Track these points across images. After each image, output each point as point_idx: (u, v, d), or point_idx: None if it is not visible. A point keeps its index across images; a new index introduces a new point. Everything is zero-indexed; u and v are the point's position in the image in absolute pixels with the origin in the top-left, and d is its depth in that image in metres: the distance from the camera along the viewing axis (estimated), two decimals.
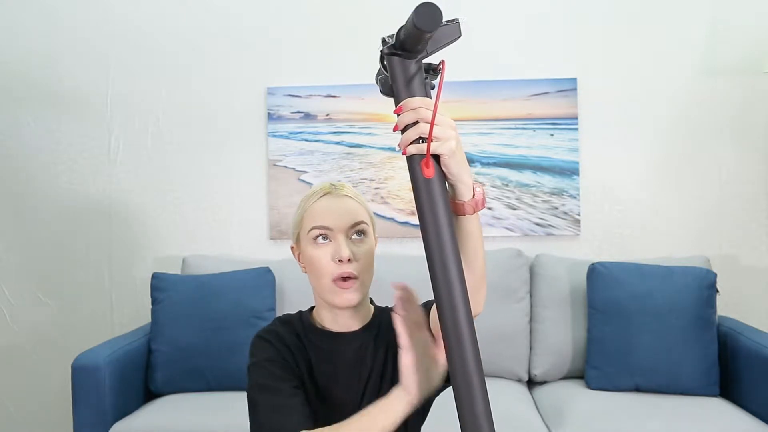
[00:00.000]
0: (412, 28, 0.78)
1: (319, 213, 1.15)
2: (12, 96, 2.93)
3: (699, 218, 2.75)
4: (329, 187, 1.19)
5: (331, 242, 1.14)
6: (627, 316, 2.34)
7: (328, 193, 1.17)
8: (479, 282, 1.00)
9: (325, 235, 1.14)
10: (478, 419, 0.85)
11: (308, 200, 1.18)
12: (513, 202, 2.77)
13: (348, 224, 1.14)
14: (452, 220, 0.88)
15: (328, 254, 1.13)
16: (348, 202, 1.17)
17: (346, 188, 1.20)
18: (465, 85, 2.78)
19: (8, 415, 2.94)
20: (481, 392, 0.86)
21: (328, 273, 1.12)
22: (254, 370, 1.12)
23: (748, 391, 2.22)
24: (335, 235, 1.14)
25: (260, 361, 1.12)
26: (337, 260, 1.12)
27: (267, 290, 2.52)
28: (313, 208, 1.16)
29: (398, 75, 0.86)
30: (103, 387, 2.16)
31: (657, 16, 2.77)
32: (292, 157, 2.86)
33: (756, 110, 2.73)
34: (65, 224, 2.91)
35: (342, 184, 1.20)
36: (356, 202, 1.18)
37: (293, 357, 1.15)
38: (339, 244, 1.13)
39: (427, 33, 0.78)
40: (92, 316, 2.91)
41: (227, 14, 2.88)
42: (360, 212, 1.17)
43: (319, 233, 1.14)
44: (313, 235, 1.14)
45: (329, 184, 1.20)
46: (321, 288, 1.15)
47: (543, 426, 2.13)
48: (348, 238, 1.14)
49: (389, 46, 0.86)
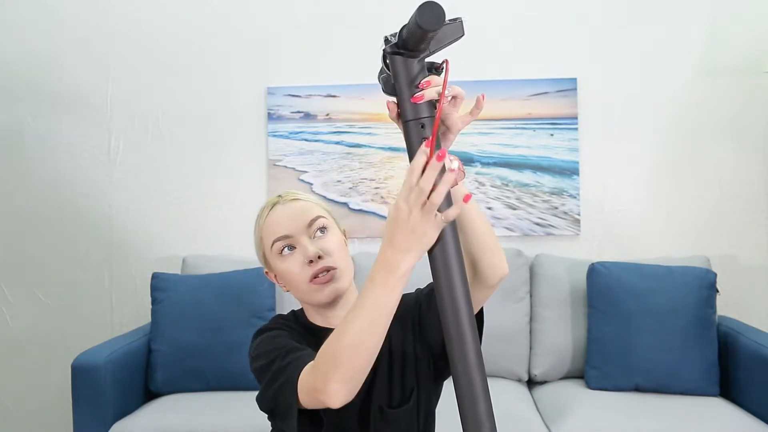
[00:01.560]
0: (415, 27, 0.77)
1: (274, 225, 1.14)
2: (12, 96, 2.93)
3: (699, 218, 2.75)
4: (276, 198, 1.18)
5: (297, 248, 1.12)
6: (627, 316, 2.34)
7: (275, 203, 1.16)
8: (495, 248, 1.04)
9: (289, 245, 1.12)
10: (480, 419, 0.85)
11: (260, 218, 1.17)
12: (513, 202, 2.77)
13: (304, 224, 1.13)
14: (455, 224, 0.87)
15: (297, 261, 1.11)
16: (297, 204, 1.16)
17: (294, 193, 1.18)
18: (465, 85, 2.75)
19: (8, 415, 2.94)
20: (483, 392, 0.86)
21: (303, 278, 1.11)
22: (260, 346, 1.08)
23: (748, 391, 2.22)
24: (297, 240, 1.12)
25: (264, 340, 1.09)
26: (308, 262, 1.10)
27: (267, 290, 2.52)
28: (266, 224, 1.15)
29: (401, 74, 0.86)
30: (103, 387, 2.16)
31: (657, 17, 2.77)
32: (292, 157, 2.86)
33: (756, 110, 2.73)
34: (65, 224, 2.91)
35: (289, 191, 1.19)
36: (307, 202, 1.17)
37: (304, 340, 1.13)
38: (304, 246, 1.11)
39: (430, 32, 0.78)
40: (92, 316, 2.91)
41: (227, 14, 2.88)
42: (313, 209, 1.16)
43: (282, 245, 1.13)
44: (277, 249, 1.13)
45: (276, 196, 1.19)
46: (303, 294, 1.14)
47: (543, 426, 2.13)
48: (311, 237, 1.13)
49: (392, 45, 0.86)
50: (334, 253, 1.12)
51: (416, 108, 0.85)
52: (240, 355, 2.32)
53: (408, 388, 1.15)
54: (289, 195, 1.17)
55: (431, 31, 0.77)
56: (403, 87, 0.86)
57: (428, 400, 1.18)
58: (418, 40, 0.81)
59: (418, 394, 1.16)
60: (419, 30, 0.77)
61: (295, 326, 1.16)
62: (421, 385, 1.16)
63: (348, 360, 0.87)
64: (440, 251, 0.86)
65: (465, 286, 0.86)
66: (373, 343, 0.87)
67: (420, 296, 1.19)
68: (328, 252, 1.12)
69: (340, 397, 0.89)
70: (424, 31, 0.77)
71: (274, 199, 1.18)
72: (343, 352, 0.87)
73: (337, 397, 0.88)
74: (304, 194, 1.19)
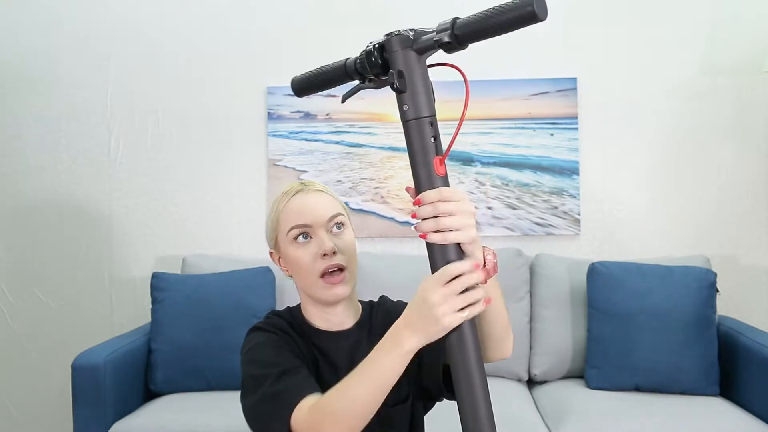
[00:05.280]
0: (529, 18, 0.78)
1: (295, 212, 1.13)
2: (12, 95, 2.93)
3: (699, 218, 2.75)
4: (299, 185, 1.17)
5: (312, 239, 1.12)
6: (627, 315, 2.34)
7: (299, 191, 1.16)
8: (504, 333, 1.04)
9: (305, 234, 1.12)
10: (480, 419, 0.85)
11: (280, 201, 1.16)
12: (513, 201, 2.77)
13: (326, 218, 1.13)
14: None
15: (311, 252, 1.11)
16: (321, 196, 1.15)
17: (317, 184, 1.18)
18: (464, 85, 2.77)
19: (8, 415, 2.94)
20: (483, 392, 0.86)
21: (314, 270, 1.11)
22: (254, 351, 1.09)
23: (748, 390, 2.22)
24: (315, 231, 1.12)
25: (260, 343, 1.10)
26: (322, 255, 1.10)
27: (267, 290, 2.52)
28: (287, 209, 1.14)
29: (416, 71, 0.87)
30: (103, 387, 2.16)
31: (657, 16, 2.77)
32: (292, 156, 2.86)
33: (756, 110, 2.73)
34: (65, 224, 2.91)
35: (311, 181, 1.19)
36: (329, 196, 1.17)
37: (299, 348, 1.13)
38: (321, 239, 1.11)
39: (540, 21, 0.79)
40: (92, 316, 2.91)
41: (227, 14, 2.88)
42: (335, 205, 1.16)
43: (299, 232, 1.12)
44: (293, 236, 1.12)
45: (299, 182, 1.18)
46: (309, 287, 1.13)
47: (543, 426, 2.13)
48: (328, 231, 1.13)
49: (443, 43, 0.85)
50: (348, 252, 1.12)
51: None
52: (240, 354, 2.32)
53: (403, 391, 1.15)
54: (312, 185, 1.17)
55: (543, 20, 0.79)
56: (419, 86, 0.86)
57: (419, 408, 1.19)
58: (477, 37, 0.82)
59: (413, 398, 1.16)
60: (533, 21, 0.78)
61: (289, 329, 1.15)
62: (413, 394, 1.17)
63: (343, 419, 0.92)
64: (440, 261, 0.86)
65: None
66: (369, 406, 0.92)
67: None
68: (343, 250, 1.12)
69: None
70: (533, 22, 0.78)
71: (297, 185, 1.17)
72: (340, 412, 0.92)
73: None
74: (323, 186, 1.19)
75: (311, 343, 1.15)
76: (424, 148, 0.87)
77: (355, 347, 1.15)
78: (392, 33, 0.88)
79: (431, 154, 0.87)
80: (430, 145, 0.87)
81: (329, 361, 1.15)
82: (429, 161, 0.87)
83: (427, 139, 0.87)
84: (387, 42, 0.88)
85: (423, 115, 0.87)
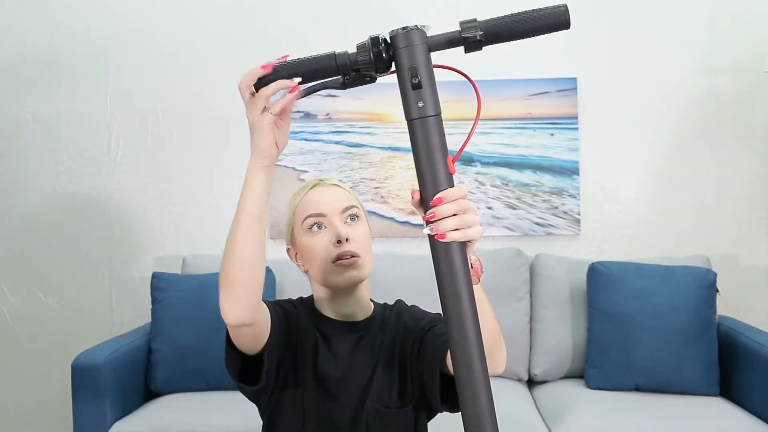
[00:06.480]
0: (564, 25, 0.80)
1: (311, 202, 1.16)
2: (12, 95, 2.93)
3: (699, 218, 2.75)
4: (317, 180, 1.21)
5: (327, 228, 1.14)
6: (627, 315, 2.34)
7: (315, 185, 1.19)
8: (494, 345, 1.01)
9: (319, 224, 1.14)
10: (482, 419, 0.85)
11: (298, 195, 1.20)
12: (513, 201, 2.77)
13: (340, 208, 1.15)
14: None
15: (325, 240, 1.14)
16: (337, 190, 1.19)
17: (334, 180, 1.22)
18: (465, 85, 2.76)
19: (8, 415, 2.94)
20: (485, 392, 0.86)
21: (327, 256, 1.13)
22: None
23: (748, 390, 2.22)
24: (330, 220, 1.14)
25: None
26: (336, 242, 1.12)
27: (267, 290, 2.50)
28: (304, 200, 1.17)
29: (430, 65, 0.88)
30: (103, 387, 2.16)
31: (657, 16, 2.77)
32: (292, 156, 2.86)
33: (756, 110, 2.73)
34: (65, 224, 2.91)
35: (329, 178, 1.23)
36: (345, 190, 1.20)
37: (300, 327, 1.15)
38: (336, 227, 1.13)
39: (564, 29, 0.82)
40: (92, 316, 2.91)
41: (227, 14, 2.88)
42: (351, 198, 1.19)
43: (313, 222, 1.15)
44: (307, 225, 1.15)
45: (317, 179, 1.22)
46: (322, 272, 1.14)
47: (543, 426, 2.13)
48: (343, 222, 1.15)
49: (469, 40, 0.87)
50: (361, 241, 1.15)
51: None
52: None
53: (408, 395, 1.15)
54: (329, 180, 1.21)
55: (567, 28, 0.82)
56: (434, 82, 0.87)
57: (423, 416, 1.19)
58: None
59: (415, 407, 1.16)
60: (565, 28, 0.81)
61: (299, 306, 1.19)
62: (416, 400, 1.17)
63: (225, 271, 0.94)
64: (446, 264, 0.84)
65: (469, 284, 0.85)
66: (240, 247, 0.94)
67: (436, 320, 1.17)
68: (356, 239, 1.14)
69: (230, 313, 0.95)
70: (564, 29, 0.81)
71: (314, 180, 1.21)
72: (223, 266, 0.95)
73: (228, 311, 0.95)
74: (343, 184, 1.23)
75: (316, 328, 1.17)
76: (442, 145, 0.87)
77: (359, 341, 1.16)
78: (406, 27, 0.87)
79: (446, 152, 0.87)
80: (445, 143, 0.87)
81: (331, 349, 1.16)
82: (446, 159, 0.87)
83: (444, 137, 0.87)
84: (406, 35, 0.86)
85: (439, 112, 0.88)
